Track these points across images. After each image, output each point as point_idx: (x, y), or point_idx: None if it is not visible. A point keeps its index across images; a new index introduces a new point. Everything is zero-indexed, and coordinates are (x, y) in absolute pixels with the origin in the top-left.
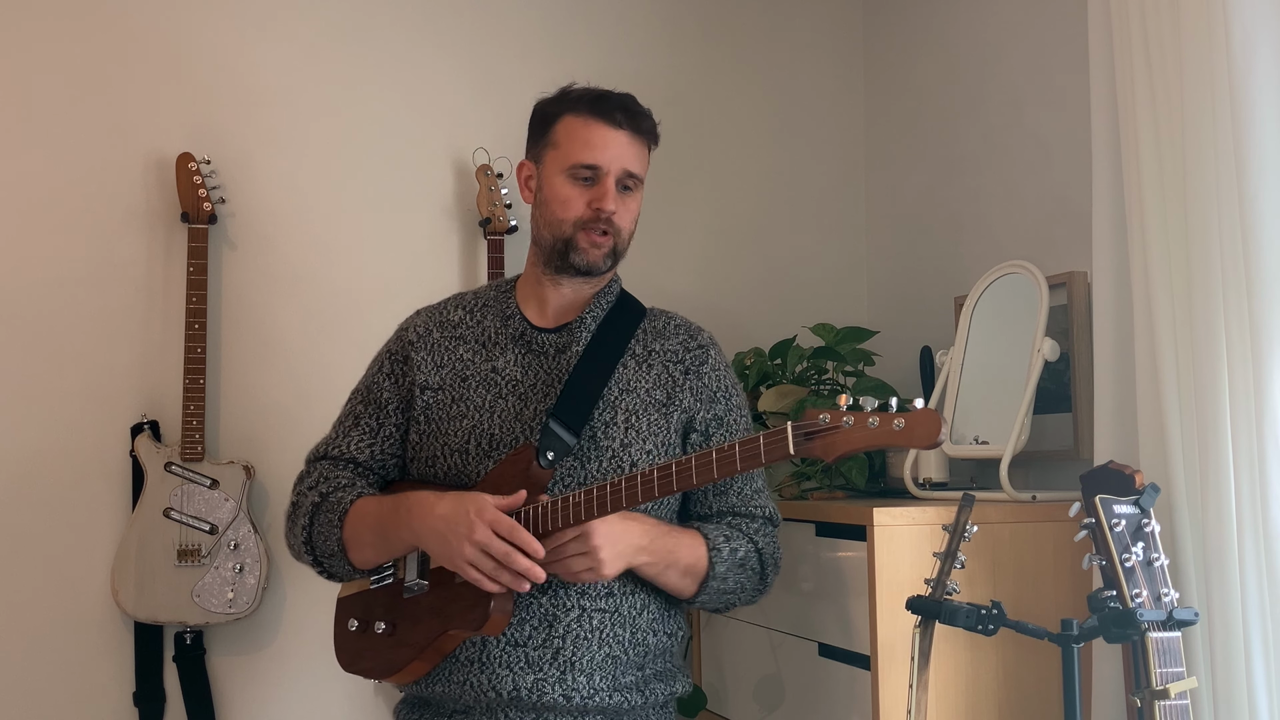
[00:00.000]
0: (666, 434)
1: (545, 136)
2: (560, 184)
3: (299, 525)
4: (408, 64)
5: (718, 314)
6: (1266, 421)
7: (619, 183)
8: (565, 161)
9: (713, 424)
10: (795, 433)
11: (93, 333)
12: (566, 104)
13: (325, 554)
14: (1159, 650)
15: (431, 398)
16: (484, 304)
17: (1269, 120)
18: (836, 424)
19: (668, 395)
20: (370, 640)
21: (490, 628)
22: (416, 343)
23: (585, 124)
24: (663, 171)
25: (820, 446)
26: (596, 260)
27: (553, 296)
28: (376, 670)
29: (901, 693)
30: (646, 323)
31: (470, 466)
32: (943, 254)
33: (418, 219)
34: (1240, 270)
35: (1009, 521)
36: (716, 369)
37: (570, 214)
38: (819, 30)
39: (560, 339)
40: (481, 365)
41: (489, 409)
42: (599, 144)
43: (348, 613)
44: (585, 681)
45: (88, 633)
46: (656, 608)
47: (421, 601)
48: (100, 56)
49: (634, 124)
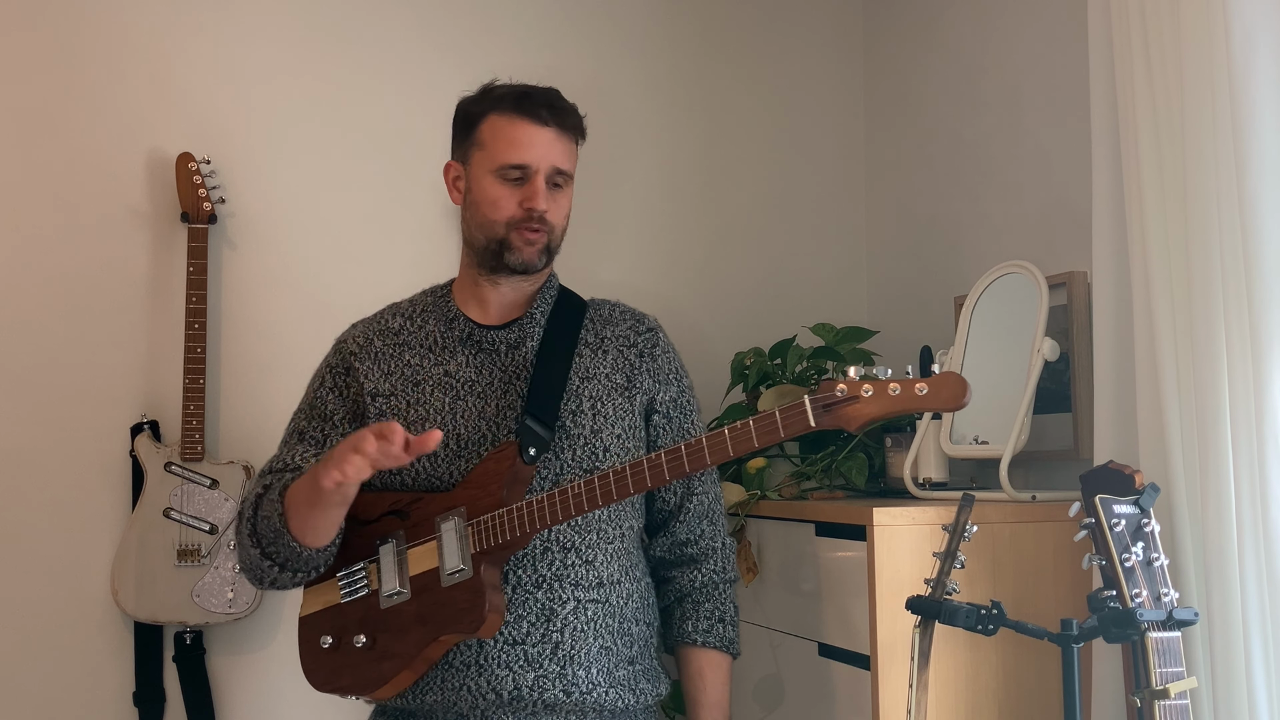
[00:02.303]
0: (632, 417)
1: (470, 136)
2: (489, 184)
3: (244, 518)
4: (408, 64)
5: (718, 314)
6: (1266, 421)
7: (548, 180)
8: (493, 162)
9: (671, 405)
10: (814, 405)
11: (93, 333)
12: (490, 103)
13: (272, 541)
14: (1159, 650)
15: (384, 404)
16: (422, 310)
17: (1269, 120)
18: (856, 394)
19: (627, 379)
20: (348, 656)
21: (487, 628)
22: (359, 353)
23: (511, 123)
24: (663, 172)
25: (842, 417)
26: (532, 258)
27: (493, 296)
28: (357, 687)
29: (901, 693)
30: (592, 311)
31: (441, 469)
32: (943, 254)
33: (418, 219)
34: (1240, 270)
35: (1009, 521)
36: (667, 351)
37: (501, 215)
38: (819, 31)
39: (511, 335)
40: (433, 370)
41: (450, 410)
42: (526, 142)
43: (317, 630)
44: (584, 675)
45: (88, 633)
46: (638, 597)
47: (405, 610)
48: (100, 57)
49: (560, 120)
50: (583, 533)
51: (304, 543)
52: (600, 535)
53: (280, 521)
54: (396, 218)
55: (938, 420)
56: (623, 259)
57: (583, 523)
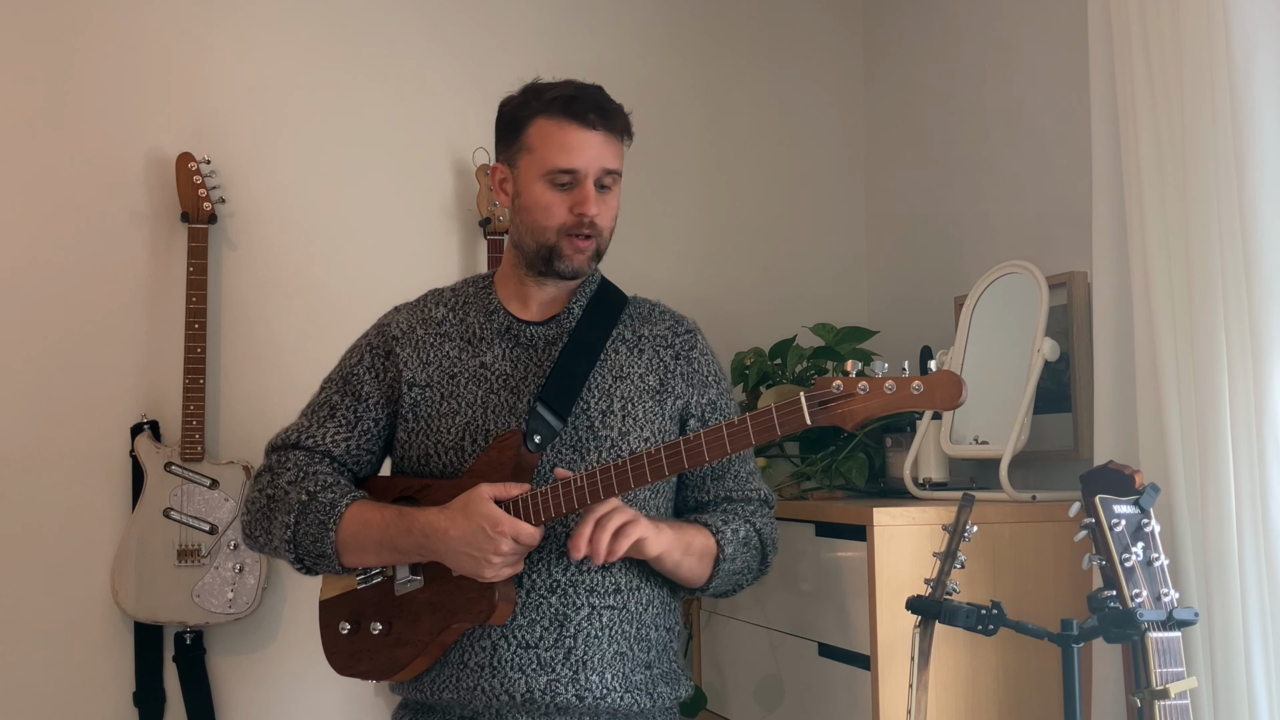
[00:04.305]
0: (662, 421)
1: (517, 140)
2: (539, 190)
3: (281, 522)
4: (408, 64)
5: (718, 314)
6: (1266, 421)
7: (597, 182)
8: (542, 167)
9: (708, 409)
10: (810, 402)
11: (93, 333)
12: (537, 106)
13: (311, 554)
14: (1159, 650)
15: (419, 395)
16: (464, 301)
17: (1269, 120)
18: (852, 390)
19: (660, 381)
20: (365, 641)
21: (497, 617)
22: (401, 339)
23: (559, 127)
24: (663, 171)
25: (838, 415)
26: (582, 265)
27: (536, 293)
28: (375, 671)
29: (901, 693)
30: (631, 308)
31: (466, 463)
32: (943, 254)
33: (418, 218)
34: (1240, 270)
35: (1009, 521)
36: (705, 354)
37: (553, 220)
38: (819, 30)
39: (549, 331)
40: (469, 361)
41: (481, 404)
42: (576, 147)
43: (336, 615)
44: (598, 680)
45: (88, 633)
46: (660, 603)
47: (418, 598)
48: (101, 57)
49: (608, 123)
50: None
51: (348, 565)
52: None
53: (332, 550)
54: (396, 218)
55: (938, 420)
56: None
57: None
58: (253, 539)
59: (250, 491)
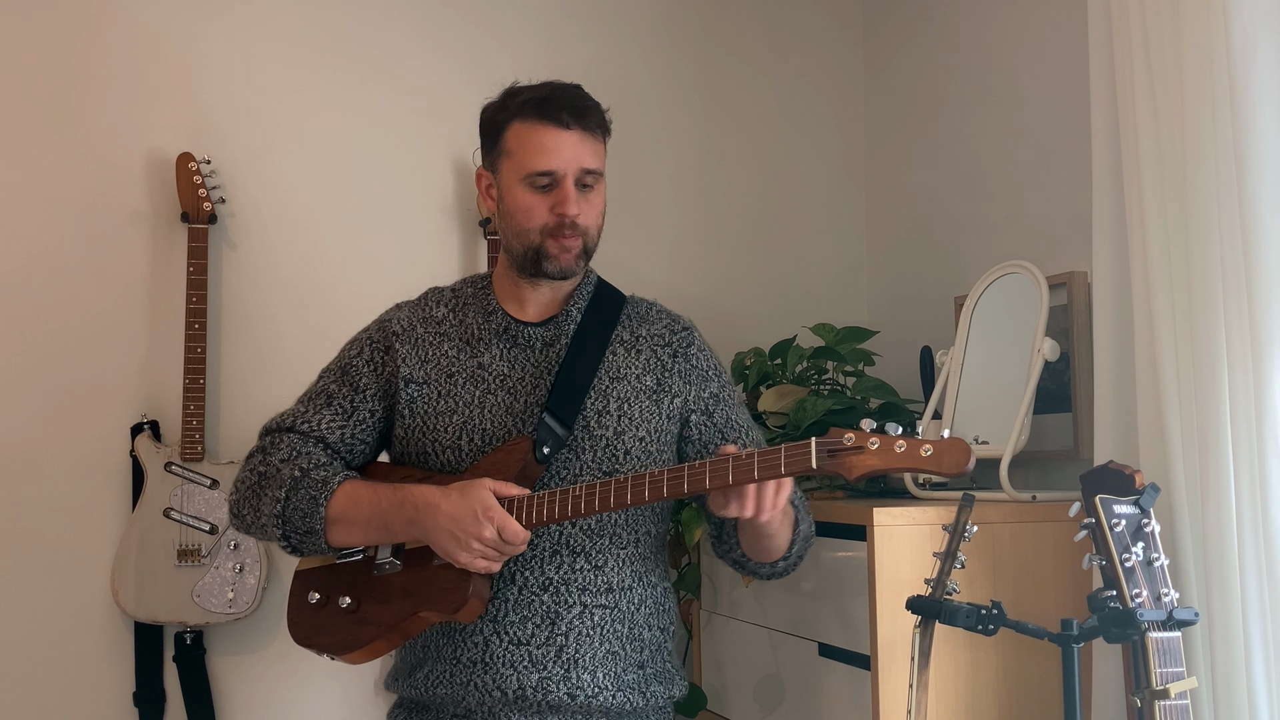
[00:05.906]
0: (658, 420)
1: (497, 145)
2: (520, 193)
3: (271, 497)
4: (407, 64)
5: (718, 314)
6: (1266, 421)
7: (578, 182)
8: (520, 170)
9: (710, 402)
10: (819, 448)
11: (93, 333)
12: (512, 110)
13: (298, 530)
14: (1159, 650)
15: (416, 392)
16: (464, 301)
17: (1269, 120)
18: (862, 445)
19: (657, 381)
20: (331, 615)
21: (466, 613)
22: (401, 335)
23: (534, 129)
24: (663, 172)
25: (844, 465)
26: (569, 264)
27: (531, 295)
28: (334, 646)
29: (901, 693)
30: (629, 308)
31: (464, 462)
32: (943, 254)
33: (418, 219)
34: (1240, 270)
35: (1009, 521)
36: (703, 350)
37: (535, 222)
38: (819, 30)
39: (547, 332)
40: (467, 362)
41: (479, 404)
42: (552, 148)
43: (308, 585)
44: (589, 679)
45: (88, 633)
46: (652, 602)
47: (393, 581)
48: (101, 56)
49: (583, 122)
50: (594, 537)
51: (335, 545)
52: (613, 540)
53: (319, 525)
54: (396, 218)
55: (938, 420)
56: (622, 259)
57: (595, 527)
58: (239, 518)
59: (241, 471)
